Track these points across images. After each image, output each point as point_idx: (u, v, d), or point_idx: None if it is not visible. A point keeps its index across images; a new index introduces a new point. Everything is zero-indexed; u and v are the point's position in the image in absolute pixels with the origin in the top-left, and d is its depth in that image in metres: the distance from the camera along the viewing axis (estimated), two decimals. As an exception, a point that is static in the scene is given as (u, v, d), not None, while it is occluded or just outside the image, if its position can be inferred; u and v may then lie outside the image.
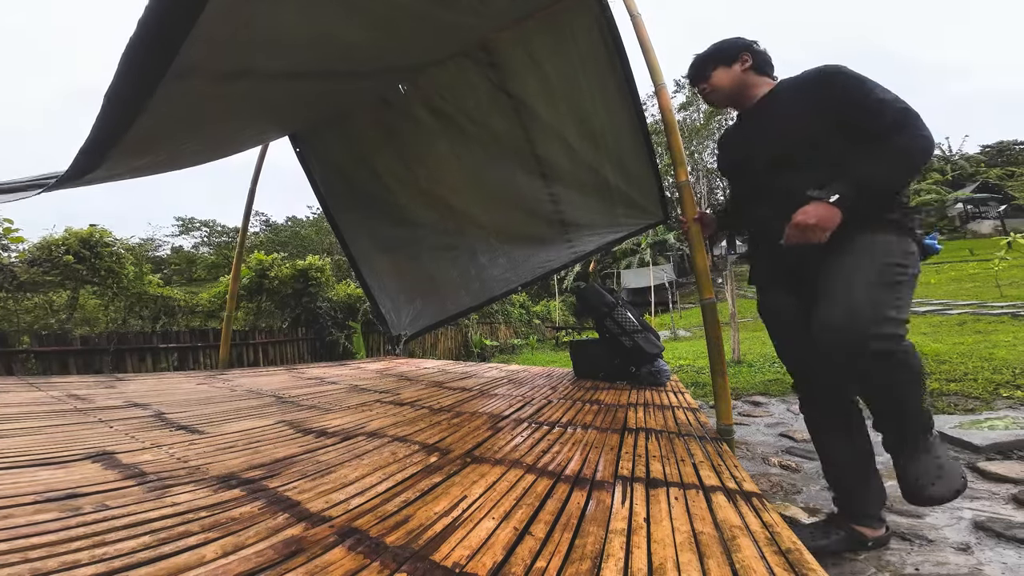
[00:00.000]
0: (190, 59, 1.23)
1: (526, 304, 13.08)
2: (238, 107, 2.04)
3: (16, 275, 4.30)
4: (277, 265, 6.27)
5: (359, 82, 2.54)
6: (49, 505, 0.83)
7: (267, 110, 2.37)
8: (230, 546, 0.70)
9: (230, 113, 2.09)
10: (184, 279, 17.46)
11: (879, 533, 1.24)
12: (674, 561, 0.72)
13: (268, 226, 25.88)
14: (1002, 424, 2.06)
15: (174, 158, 2.42)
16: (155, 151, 2.05)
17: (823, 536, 1.24)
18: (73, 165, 1.57)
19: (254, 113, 2.31)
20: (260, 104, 2.17)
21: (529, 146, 3.28)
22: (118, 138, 1.48)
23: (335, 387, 2.67)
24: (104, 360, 4.22)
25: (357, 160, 3.67)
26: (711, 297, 1.80)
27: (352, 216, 4.06)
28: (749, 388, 3.38)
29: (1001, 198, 30.57)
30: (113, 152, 1.61)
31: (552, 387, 2.64)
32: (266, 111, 2.38)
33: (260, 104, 2.17)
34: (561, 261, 4.33)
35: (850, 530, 1.24)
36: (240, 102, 1.97)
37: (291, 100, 2.34)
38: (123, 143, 1.55)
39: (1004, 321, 5.84)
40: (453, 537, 0.77)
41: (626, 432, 1.56)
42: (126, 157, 1.85)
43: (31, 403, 1.95)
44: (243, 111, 2.16)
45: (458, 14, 2.15)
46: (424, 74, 3.02)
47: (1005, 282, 9.88)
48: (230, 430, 1.51)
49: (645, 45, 2.09)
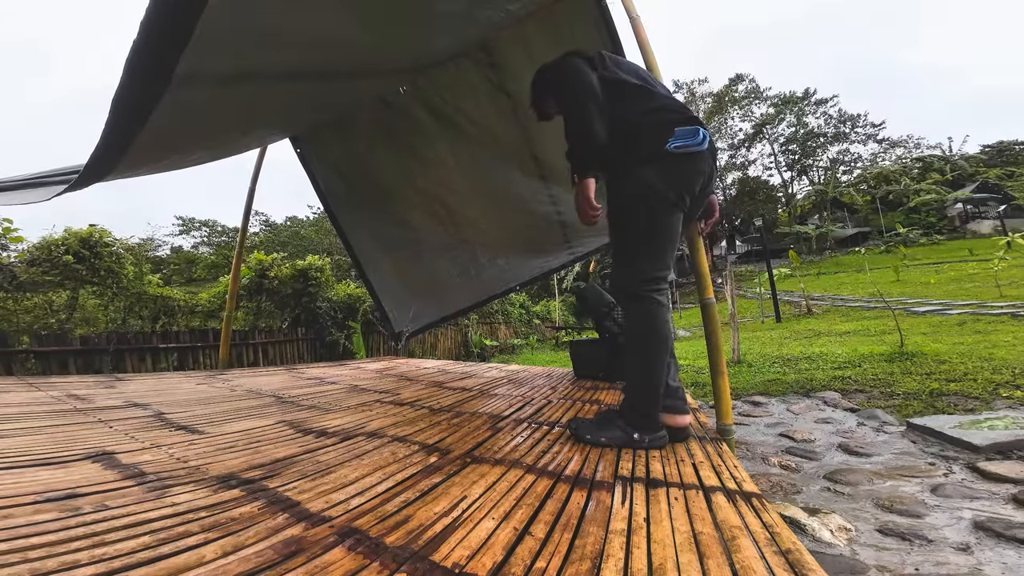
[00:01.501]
0: (194, 63, 1.23)
1: (526, 304, 13.07)
2: (242, 112, 2.04)
3: (16, 275, 4.30)
4: (277, 265, 6.27)
5: (361, 82, 2.53)
6: (48, 505, 0.83)
7: (270, 113, 2.36)
8: (230, 546, 0.70)
9: (235, 118, 2.09)
10: (184, 279, 17.45)
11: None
12: (674, 561, 0.72)
13: (268, 226, 25.86)
14: (1002, 424, 2.06)
15: (177, 162, 2.43)
16: (161, 158, 2.05)
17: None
18: (83, 175, 1.56)
19: (258, 117, 2.31)
20: (264, 108, 2.17)
21: (528, 147, 3.29)
22: (127, 147, 1.47)
23: (335, 387, 2.66)
24: (104, 360, 4.22)
25: (357, 161, 3.68)
26: (711, 297, 1.80)
27: (354, 216, 4.06)
28: (749, 388, 3.38)
29: (1001, 198, 30.61)
30: (122, 162, 1.61)
31: (552, 387, 2.64)
32: (269, 115, 2.38)
33: (264, 108, 2.17)
34: (560, 261, 4.34)
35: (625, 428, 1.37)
36: (244, 107, 1.97)
37: (294, 103, 2.34)
38: (130, 152, 1.54)
39: (1004, 321, 5.84)
40: (453, 537, 0.77)
41: (626, 432, 1.56)
42: (133, 166, 1.85)
43: (31, 403, 1.95)
44: (247, 115, 2.16)
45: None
46: (424, 75, 3.02)
47: (1005, 282, 9.89)
48: (230, 430, 1.51)
49: (644, 47, 2.09)
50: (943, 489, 1.55)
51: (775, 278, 11.89)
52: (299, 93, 2.19)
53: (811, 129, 40.75)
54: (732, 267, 6.26)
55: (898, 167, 37.97)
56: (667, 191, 1.34)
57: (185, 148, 2.16)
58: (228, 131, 2.27)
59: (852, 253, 26.70)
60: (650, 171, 1.34)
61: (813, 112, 40.64)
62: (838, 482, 1.68)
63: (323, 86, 2.23)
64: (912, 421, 2.26)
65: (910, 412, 2.47)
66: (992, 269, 10.31)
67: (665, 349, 1.37)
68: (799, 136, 40.49)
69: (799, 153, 41.26)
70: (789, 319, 10.49)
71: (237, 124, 2.23)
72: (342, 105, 3.06)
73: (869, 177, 37.03)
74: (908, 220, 31.50)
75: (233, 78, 1.57)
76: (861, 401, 2.81)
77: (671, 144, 1.31)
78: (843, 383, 3.22)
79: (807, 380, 3.41)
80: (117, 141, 1.39)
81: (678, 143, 1.31)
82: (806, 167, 42.72)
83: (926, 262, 19.37)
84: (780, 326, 9.28)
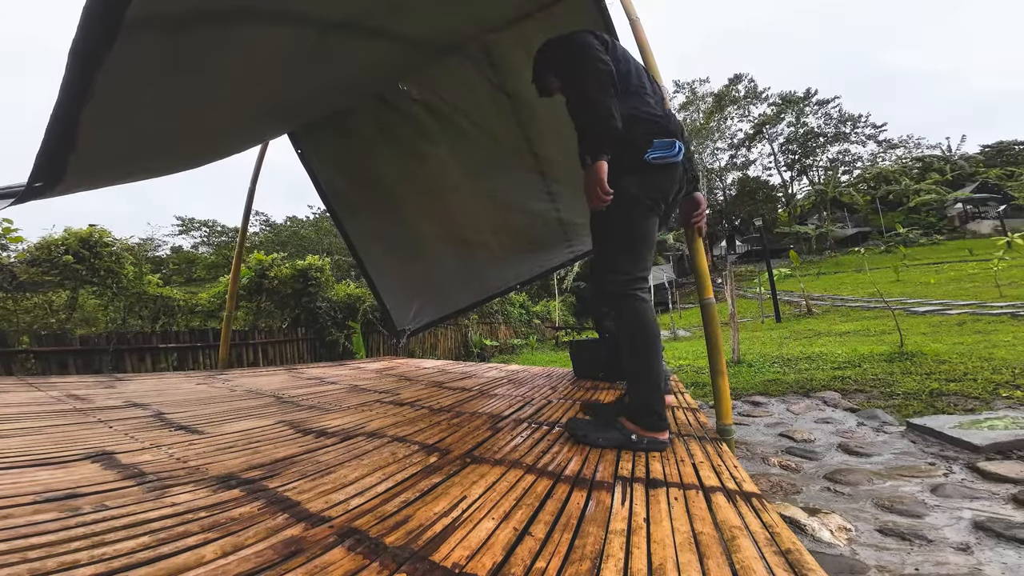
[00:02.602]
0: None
1: (526, 304, 13.07)
2: (212, 78, 1.80)
3: (16, 275, 4.30)
4: (277, 265, 6.27)
5: (341, 35, 2.08)
6: (48, 505, 0.83)
7: (246, 85, 2.06)
8: (229, 546, 0.70)
9: (205, 89, 1.84)
10: (184, 279, 17.44)
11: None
12: (674, 561, 0.72)
13: (268, 226, 25.85)
14: (1002, 424, 2.06)
15: (163, 153, 2.29)
16: (122, 147, 1.93)
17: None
18: (42, 149, 1.44)
19: (232, 89, 1.99)
20: (225, 66, 1.84)
21: (528, 145, 3.29)
22: (83, 105, 1.33)
23: (335, 387, 2.66)
24: (103, 360, 4.21)
25: (358, 160, 3.68)
26: (710, 297, 1.80)
27: (355, 215, 4.08)
28: (749, 388, 3.38)
29: (1001, 198, 30.61)
30: (78, 146, 1.50)
31: (552, 387, 2.64)
32: (246, 86, 2.07)
33: (225, 66, 1.84)
34: (560, 260, 4.35)
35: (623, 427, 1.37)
36: (212, 69, 1.73)
37: (269, 68, 2.01)
38: (90, 116, 1.42)
39: (1004, 321, 5.84)
40: (453, 537, 0.77)
41: (626, 432, 1.56)
42: (91, 162, 1.75)
43: (30, 403, 1.95)
44: (219, 85, 1.88)
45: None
46: (424, 74, 3.02)
47: (1004, 282, 9.89)
48: (230, 430, 1.51)
49: (644, 48, 2.09)
50: (943, 489, 1.55)
51: (775, 278, 11.89)
52: (273, 51, 1.87)
53: (811, 129, 40.77)
54: (732, 267, 6.26)
55: (898, 167, 37.97)
56: (645, 198, 1.40)
57: (150, 137, 1.99)
58: (202, 107, 2.01)
59: (852, 253, 26.71)
60: (631, 181, 1.39)
61: (814, 112, 40.66)
62: (838, 482, 1.68)
63: (293, 32, 1.85)
64: (912, 421, 2.26)
65: (910, 412, 2.47)
66: (992, 269, 10.32)
67: (658, 343, 1.42)
68: (799, 136, 40.50)
69: (799, 153, 41.27)
70: (789, 319, 10.49)
71: (211, 100, 1.98)
72: (337, 93, 2.88)
73: (869, 177, 37.04)
74: (908, 220, 31.51)
75: (185, 19, 1.40)
76: (861, 401, 2.81)
77: (649, 155, 1.37)
78: (843, 383, 3.22)
79: (807, 380, 3.41)
80: (75, 95, 1.29)
81: (656, 155, 1.37)
82: (806, 167, 42.75)
83: (926, 262, 19.38)
84: (780, 326, 9.28)
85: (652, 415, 1.36)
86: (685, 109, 37.36)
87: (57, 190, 1.86)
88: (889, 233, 30.05)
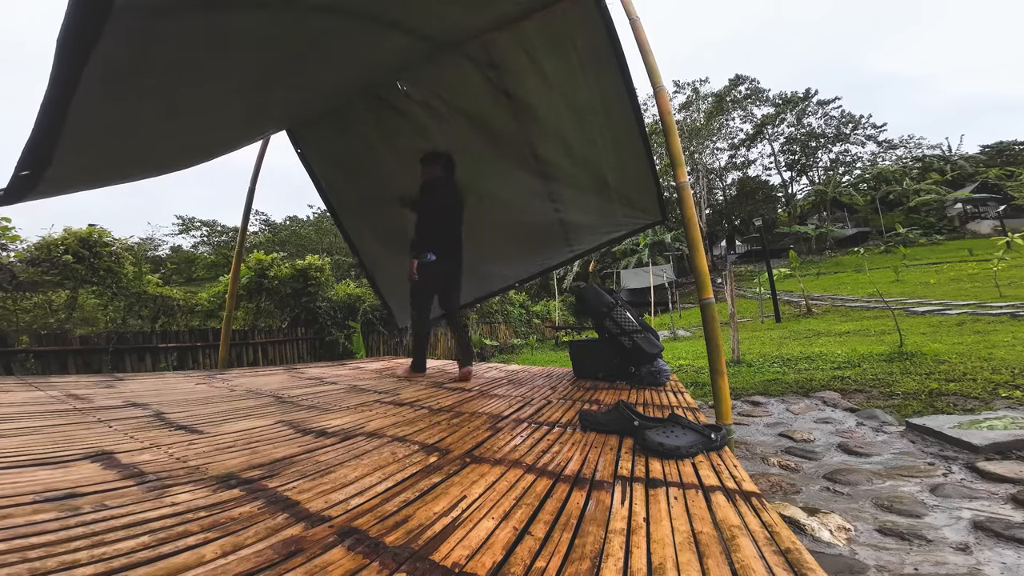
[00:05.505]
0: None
1: (526, 304, 13.07)
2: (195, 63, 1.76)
3: (15, 275, 4.30)
4: (277, 265, 6.26)
5: (330, 17, 2.01)
6: (48, 505, 0.83)
7: (238, 73, 2.00)
8: (229, 546, 0.70)
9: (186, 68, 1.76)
10: (183, 278, 17.44)
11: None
12: (673, 561, 0.72)
13: (268, 225, 25.84)
14: (1001, 424, 2.06)
15: (155, 149, 2.28)
16: (112, 140, 1.91)
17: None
18: (29, 142, 1.44)
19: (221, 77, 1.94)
20: (228, 67, 1.85)
21: (528, 145, 3.29)
22: (72, 92, 1.34)
23: (334, 387, 2.66)
24: (103, 360, 4.21)
25: (357, 160, 3.69)
26: (710, 297, 1.81)
27: (355, 214, 4.09)
28: (748, 388, 3.38)
29: (1000, 198, 30.60)
30: (64, 134, 1.48)
31: (552, 387, 2.64)
32: (238, 74, 2.02)
33: (228, 67, 1.85)
34: (559, 259, 4.35)
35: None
36: (198, 60, 1.71)
37: (260, 56, 1.96)
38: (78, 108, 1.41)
39: (1003, 321, 5.84)
40: (452, 537, 0.77)
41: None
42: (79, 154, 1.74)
43: (30, 403, 1.95)
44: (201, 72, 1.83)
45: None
46: (423, 73, 3.02)
47: (1004, 282, 9.89)
48: (229, 430, 1.51)
49: (644, 48, 2.09)
50: (942, 489, 1.55)
51: (775, 278, 11.89)
52: (261, 38, 1.82)
53: (811, 129, 40.74)
54: (732, 267, 6.26)
55: (898, 167, 37.94)
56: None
57: (141, 131, 1.97)
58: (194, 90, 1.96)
59: (852, 253, 26.67)
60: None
61: (815, 113, 40.62)
62: (837, 482, 1.68)
63: (281, 16, 1.80)
64: (911, 421, 2.26)
65: (909, 412, 2.47)
66: (992, 269, 10.32)
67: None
68: (799, 136, 40.48)
69: (799, 153, 41.25)
70: (789, 319, 10.49)
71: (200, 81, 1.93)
72: (334, 88, 2.83)
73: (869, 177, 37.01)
74: (908, 220, 31.49)
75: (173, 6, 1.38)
76: (861, 401, 2.82)
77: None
78: (842, 383, 3.22)
79: (807, 380, 3.41)
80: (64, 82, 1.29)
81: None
82: (806, 167, 42.72)
83: (926, 262, 19.37)
84: (780, 326, 9.28)
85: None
86: (685, 109, 37.31)
87: (47, 181, 1.85)
88: (889, 233, 30.05)
